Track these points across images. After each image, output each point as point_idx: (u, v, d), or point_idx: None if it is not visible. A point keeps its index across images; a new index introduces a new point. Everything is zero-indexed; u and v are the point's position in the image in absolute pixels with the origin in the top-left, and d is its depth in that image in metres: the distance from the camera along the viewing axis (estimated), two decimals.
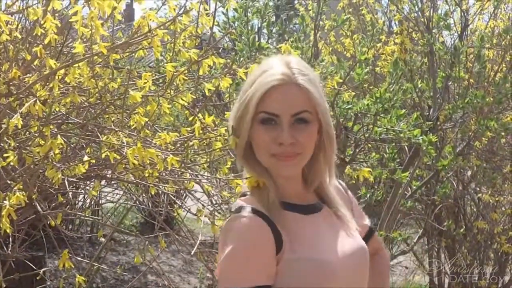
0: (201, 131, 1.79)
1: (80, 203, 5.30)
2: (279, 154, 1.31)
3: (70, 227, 5.55)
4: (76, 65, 1.75)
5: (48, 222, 2.07)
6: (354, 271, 1.36)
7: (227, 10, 2.72)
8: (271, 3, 2.99)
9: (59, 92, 1.81)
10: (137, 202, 4.99)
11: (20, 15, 2.17)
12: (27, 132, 1.96)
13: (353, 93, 3.00)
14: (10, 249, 2.32)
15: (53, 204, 2.24)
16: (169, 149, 1.86)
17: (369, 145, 3.52)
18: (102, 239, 4.10)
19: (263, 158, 1.34)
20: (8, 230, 1.67)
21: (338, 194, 1.46)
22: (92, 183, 2.43)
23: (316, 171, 1.39)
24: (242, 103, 1.33)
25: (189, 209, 2.15)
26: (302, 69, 1.33)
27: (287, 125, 1.30)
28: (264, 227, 1.27)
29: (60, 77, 1.83)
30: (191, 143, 1.92)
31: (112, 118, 2.11)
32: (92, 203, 5.35)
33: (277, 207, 1.32)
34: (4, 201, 1.65)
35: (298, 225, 1.33)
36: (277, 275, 1.27)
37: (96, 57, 1.75)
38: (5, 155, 1.72)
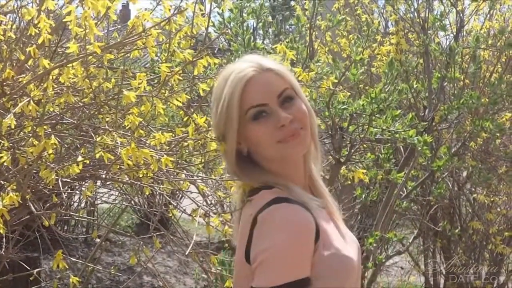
0: (195, 132, 1.79)
1: (76, 204, 5.29)
2: (284, 137, 1.31)
3: (65, 228, 5.54)
4: (70, 65, 1.74)
5: (42, 223, 2.06)
6: (359, 268, 1.37)
7: (222, 10, 2.72)
8: (267, 4, 2.99)
9: (53, 92, 1.80)
10: (133, 203, 4.98)
11: (14, 15, 2.16)
12: (21, 132, 1.95)
13: (349, 94, 3.00)
14: (3, 249, 2.31)
15: (47, 205, 2.23)
16: (163, 150, 1.85)
17: (364, 145, 3.52)
18: (97, 240, 4.09)
19: (269, 150, 1.33)
20: (1, 231, 1.66)
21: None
22: (87, 184, 2.42)
23: (306, 155, 1.39)
24: (222, 108, 1.34)
25: (184, 210, 2.14)
26: (263, 58, 1.39)
27: (279, 108, 1.32)
28: (310, 216, 1.26)
29: (54, 77, 1.82)
30: (185, 144, 1.92)
31: (107, 119, 2.10)
32: (88, 203, 5.34)
33: (307, 198, 1.32)
34: None
35: (322, 218, 1.32)
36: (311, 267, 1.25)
37: (90, 57, 1.74)
38: None
